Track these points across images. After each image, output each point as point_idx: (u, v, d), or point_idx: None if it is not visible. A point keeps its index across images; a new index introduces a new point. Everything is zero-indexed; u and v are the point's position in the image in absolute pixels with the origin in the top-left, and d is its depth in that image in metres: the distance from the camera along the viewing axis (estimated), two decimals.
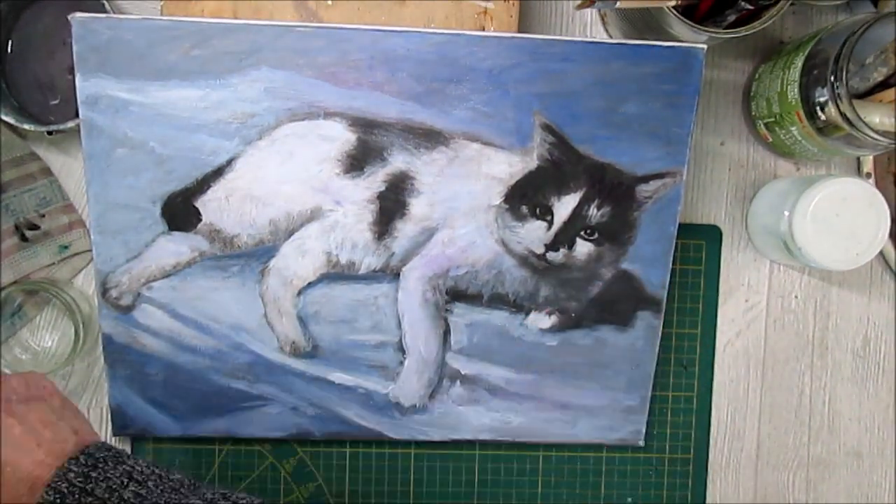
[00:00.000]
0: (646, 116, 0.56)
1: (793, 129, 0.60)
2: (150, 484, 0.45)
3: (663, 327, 0.61)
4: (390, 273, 0.58)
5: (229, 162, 0.55)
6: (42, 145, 0.62)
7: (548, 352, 0.60)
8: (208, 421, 0.60)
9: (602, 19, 0.65)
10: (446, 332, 0.59)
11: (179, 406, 0.60)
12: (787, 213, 0.60)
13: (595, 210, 0.57)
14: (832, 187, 0.58)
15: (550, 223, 0.57)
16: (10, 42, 0.60)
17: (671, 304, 0.65)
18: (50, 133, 0.59)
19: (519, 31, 0.58)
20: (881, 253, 0.65)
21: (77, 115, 0.54)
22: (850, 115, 0.53)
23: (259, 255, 0.57)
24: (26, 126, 0.58)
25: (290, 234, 0.57)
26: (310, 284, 0.58)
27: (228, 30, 0.53)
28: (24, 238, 0.61)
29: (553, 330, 0.60)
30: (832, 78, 0.54)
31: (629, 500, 0.67)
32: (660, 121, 0.56)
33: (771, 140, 0.64)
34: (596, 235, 0.58)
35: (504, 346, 0.60)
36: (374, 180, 0.56)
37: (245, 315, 0.58)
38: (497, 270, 0.59)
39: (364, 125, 0.55)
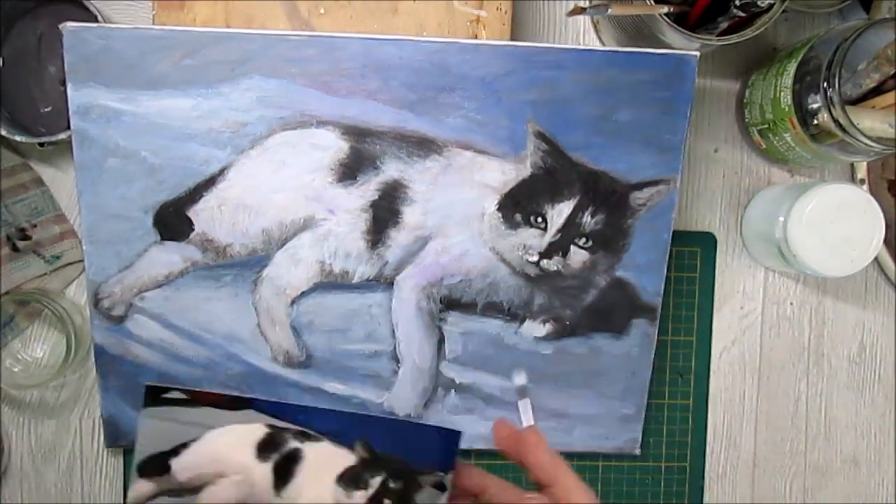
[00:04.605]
0: (639, 124, 0.56)
1: (786, 135, 0.60)
2: None
3: (658, 335, 0.61)
4: (384, 282, 0.58)
5: (221, 171, 0.55)
6: (34, 157, 0.62)
7: (543, 360, 0.60)
8: None
9: (594, 27, 0.65)
10: (440, 341, 0.59)
11: None
12: (781, 220, 0.59)
13: (589, 218, 0.57)
14: (826, 194, 0.58)
15: (544, 231, 0.57)
16: (1, 53, 0.60)
17: (666, 312, 0.65)
18: (41, 145, 0.59)
19: (511, 39, 0.58)
20: (876, 259, 0.65)
21: (68, 126, 0.54)
22: (842, 121, 0.53)
23: (252, 264, 0.57)
24: (17, 138, 0.58)
25: (283, 243, 0.57)
26: (303, 294, 0.58)
27: (220, 39, 0.53)
28: (15, 248, 0.61)
29: (548, 338, 0.60)
30: (825, 84, 0.54)
31: None
32: (653, 128, 0.56)
33: (765, 147, 0.64)
34: (590, 243, 0.58)
35: (499, 354, 0.60)
36: (367, 189, 0.56)
37: (238, 325, 0.58)
38: (491, 279, 0.58)
39: (357, 134, 0.55)
